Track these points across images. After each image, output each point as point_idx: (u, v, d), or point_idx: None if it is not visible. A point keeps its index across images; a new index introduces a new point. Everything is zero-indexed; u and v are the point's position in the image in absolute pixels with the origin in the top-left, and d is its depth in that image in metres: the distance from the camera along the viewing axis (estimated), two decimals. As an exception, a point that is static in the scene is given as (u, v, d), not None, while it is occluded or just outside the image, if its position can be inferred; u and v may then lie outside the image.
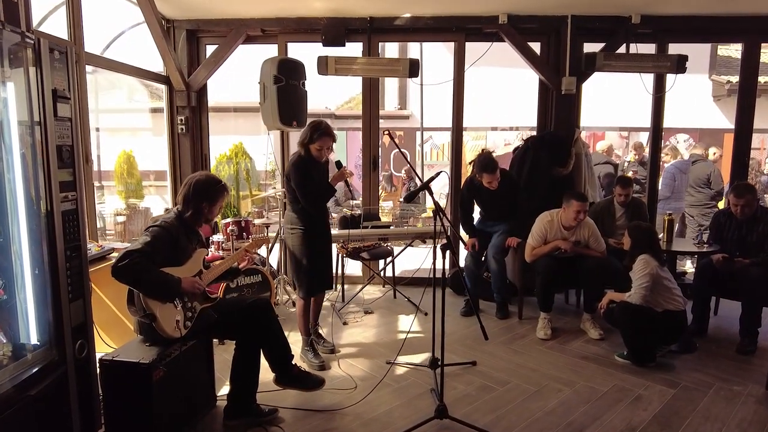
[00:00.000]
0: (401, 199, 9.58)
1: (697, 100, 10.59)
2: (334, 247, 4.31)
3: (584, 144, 5.19)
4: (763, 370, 3.38)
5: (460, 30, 4.96)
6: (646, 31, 4.89)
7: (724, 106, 11.39)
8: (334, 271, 4.42)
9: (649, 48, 5.02)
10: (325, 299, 4.00)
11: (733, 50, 10.74)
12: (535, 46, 5.02)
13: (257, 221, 4.65)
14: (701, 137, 9.74)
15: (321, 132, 3.29)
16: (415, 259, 5.29)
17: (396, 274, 5.14)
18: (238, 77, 7.33)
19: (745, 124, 5.17)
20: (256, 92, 4.37)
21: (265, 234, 4.58)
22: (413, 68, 4.71)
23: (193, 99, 5.11)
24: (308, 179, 3.30)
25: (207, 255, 2.81)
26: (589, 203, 5.02)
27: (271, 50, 5.09)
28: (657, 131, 5.26)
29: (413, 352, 3.68)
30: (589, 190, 5.15)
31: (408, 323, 4.31)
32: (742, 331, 3.82)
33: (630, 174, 6.70)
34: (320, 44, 4.90)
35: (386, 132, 3.29)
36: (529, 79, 5.51)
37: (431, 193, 2.73)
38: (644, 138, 10.32)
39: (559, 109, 5.05)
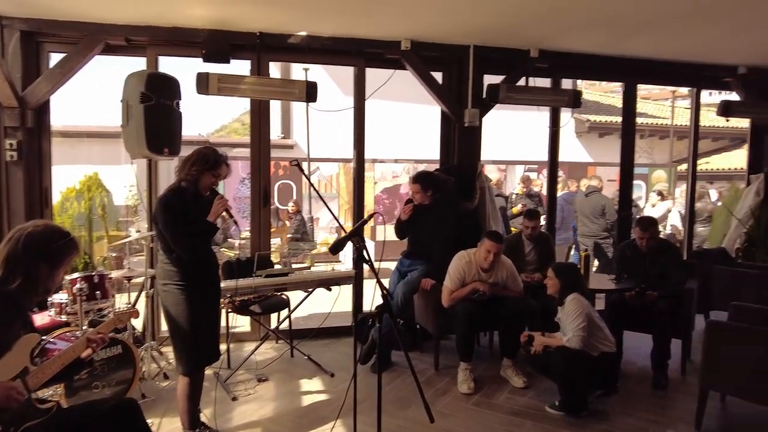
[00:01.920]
0: (314, 245, 8.73)
1: (563, 136, 11.54)
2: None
3: (487, 178, 5.05)
4: (684, 406, 3.35)
5: (360, 54, 4.56)
6: (543, 65, 4.93)
7: (585, 141, 12.57)
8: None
9: (544, 82, 5.08)
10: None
11: (587, 93, 11.92)
12: (438, 77, 4.80)
13: (115, 273, 3.68)
14: (570, 171, 10.49)
15: (221, 158, 2.67)
16: (316, 306, 4.65)
17: (294, 327, 4.45)
18: (94, 95, 6.15)
19: (627, 159, 5.44)
20: (118, 113, 3.52)
21: (128, 305, 3.60)
22: (311, 92, 4.18)
23: (29, 119, 4.00)
24: (181, 221, 2.57)
25: (39, 339, 1.90)
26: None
27: (137, 64, 4.22)
28: (553, 164, 5.31)
29: (321, 424, 3.05)
30: (493, 225, 4.99)
31: (311, 389, 3.66)
32: (654, 365, 3.80)
33: (519, 207, 6.80)
34: (200, 60, 4.17)
35: (293, 162, 2.69)
36: (428, 113, 5.32)
37: (362, 240, 2.19)
38: (518, 171, 10.93)
39: (462, 142, 4.85)
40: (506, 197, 6.58)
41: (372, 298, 4.58)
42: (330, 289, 3.99)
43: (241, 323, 4.71)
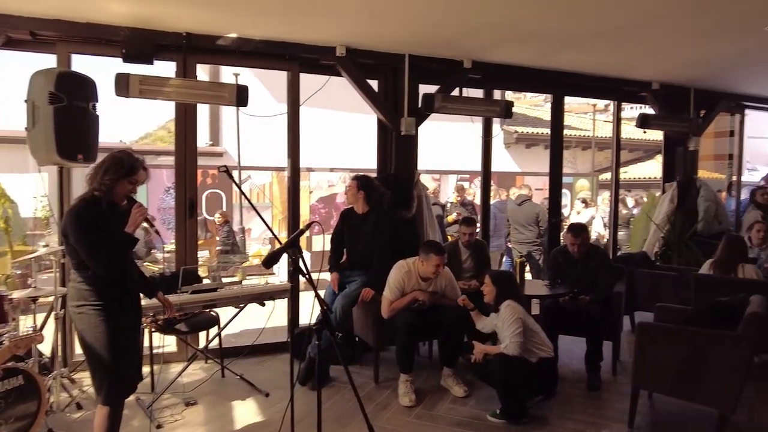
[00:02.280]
0: (250, 258, 8.31)
1: (493, 147, 11.92)
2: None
3: (423, 186, 5.04)
4: (617, 406, 3.46)
5: (294, 59, 4.42)
6: (476, 76, 5.02)
7: (513, 152, 13.03)
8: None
9: (477, 93, 5.17)
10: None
11: (515, 105, 12.40)
12: (373, 84, 4.75)
13: (18, 294, 3.27)
14: (499, 180, 10.82)
15: (138, 162, 2.43)
16: (249, 321, 4.41)
17: (224, 345, 4.18)
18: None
19: (556, 168, 5.64)
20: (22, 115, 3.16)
21: (33, 329, 3.21)
22: (242, 95, 3.98)
23: None
24: (95, 232, 2.31)
25: None
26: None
27: (46, 61, 3.83)
28: (487, 173, 5.40)
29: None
30: (430, 233, 4.99)
31: (245, 411, 3.43)
32: (588, 367, 3.91)
33: (454, 215, 6.88)
34: (120, 60, 3.86)
35: (221, 169, 2.50)
36: (364, 121, 5.26)
37: (299, 251, 2.05)
38: (450, 180, 11.13)
39: (399, 151, 4.82)
40: (443, 206, 6.64)
41: (310, 312, 4.44)
42: (263, 305, 3.79)
43: (167, 343, 4.36)
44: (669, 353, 2.96)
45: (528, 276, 5.45)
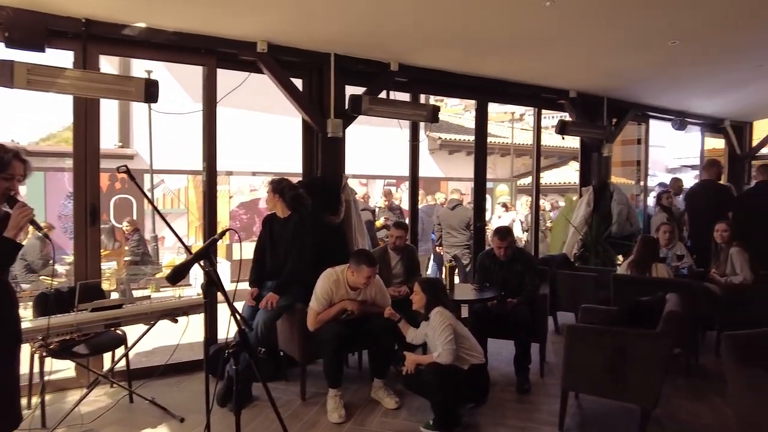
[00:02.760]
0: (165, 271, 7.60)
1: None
2: (26, 347, 2.82)
3: (352, 191, 4.89)
4: (547, 408, 3.48)
5: (210, 53, 4.10)
6: (403, 79, 4.96)
7: (436, 158, 13.24)
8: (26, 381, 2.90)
9: (404, 96, 5.11)
10: None
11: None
12: (298, 84, 4.53)
13: None
14: (425, 185, 10.92)
15: (9, 154, 2.09)
16: (161, 338, 4.01)
17: (132, 367, 3.76)
18: None
19: (480, 174, 5.71)
20: None
21: None
22: (151, 90, 3.61)
23: None
24: None
25: None
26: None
27: None
28: (414, 177, 5.35)
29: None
30: (359, 239, 4.84)
31: (159, 439, 3.08)
32: (517, 370, 3.92)
33: (382, 220, 6.79)
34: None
35: (121, 169, 2.19)
36: (287, 123, 5.03)
37: (212, 262, 1.80)
38: (379, 185, 11.09)
39: (325, 154, 4.63)
40: (373, 211, 6.53)
41: (228, 325, 4.12)
42: (176, 321, 3.43)
43: (65, 367, 3.87)
44: (596, 353, 3.00)
45: (456, 279, 5.46)
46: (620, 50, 4.82)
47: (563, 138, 6.25)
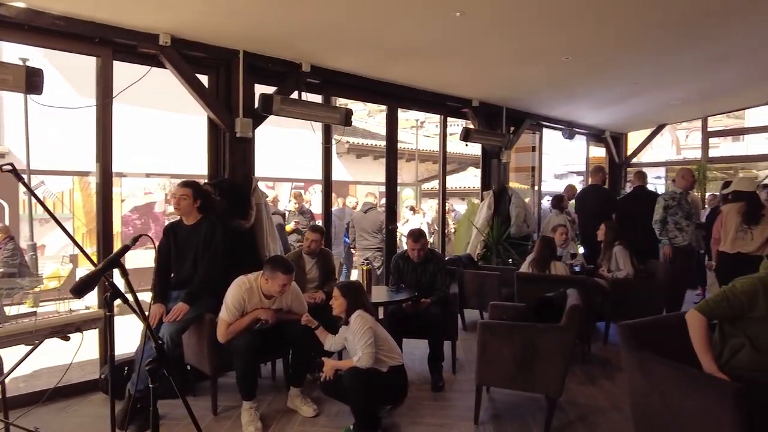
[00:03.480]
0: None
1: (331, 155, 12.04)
2: None
3: (262, 194, 4.72)
4: (461, 404, 3.60)
5: (105, 43, 3.73)
6: (315, 81, 4.90)
7: (345, 161, 13.26)
8: None
9: (316, 98, 5.04)
10: None
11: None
12: (204, 80, 4.29)
13: None
14: (334, 189, 10.87)
15: None
16: (48, 357, 3.56)
17: (11, 394, 3.29)
18: None
19: (392, 177, 5.80)
20: None
21: None
22: (34, 80, 3.21)
23: None
24: None
25: None
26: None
27: None
28: (327, 180, 5.29)
29: None
30: (271, 244, 4.68)
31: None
32: (431, 368, 4.02)
33: (293, 224, 6.65)
34: None
35: (6, 168, 1.91)
36: (187, 122, 4.74)
37: (124, 273, 1.63)
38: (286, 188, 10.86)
39: (233, 154, 4.42)
40: (283, 214, 6.35)
41: (127, 339, 3.78)
42: (68, 338, 3.07)
43: None
44: (507, 348, 3.16)
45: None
46: (520, 63, 5.16)
47: (467, 145, 6.55)
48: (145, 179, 8.85)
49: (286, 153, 10.48)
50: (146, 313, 1.73)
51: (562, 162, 13.00)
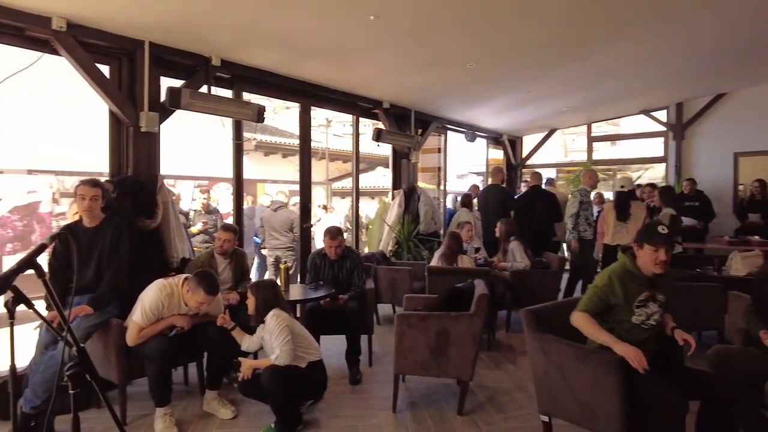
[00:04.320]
0: None
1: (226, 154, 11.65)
2: None
3: (169, 192, 4.51)
4: (379, 394, 3.73)
5: (-14, 23, 3.37)
6: (226, 75, 4.78)
7: (252, 159, 12.90)
8: None
9: (226, 93, 4.92)
10: None
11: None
12: (104, 71, 4.01)
13: None
14: (245, 186, 10.54)
15: None
16: None
17: None
18: None
19: (306, 175, 5.81)
20: None
21: None
22: None
23: None
24: None
25: None
26: (186, 260, 4.44)
27: None
28: (239, 178, 5.17)
29: None
30: (178, 244, 4.49)
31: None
32: (349, 363, 4.10)
33: (200, 225, 6.40)
34: None
35: None
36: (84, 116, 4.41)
37: (41, 274, 1.52)
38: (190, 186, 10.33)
39: (138, 150, 4.19)
40: (186, 214, 6.06)
41: (8, 353, 3.44)
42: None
43: None
44: (422, 337, 3.33)
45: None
46: (429, 68, 5.42)
47: (378, 145, 6.72)
48: (28, 176, 7.99)
49: (187, 149, 10.00)
50: (65, 315, 1.62)
51: (464, 163, 13.71)
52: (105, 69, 4.01)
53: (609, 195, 8.83)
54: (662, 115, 8.72)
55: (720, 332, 4.41)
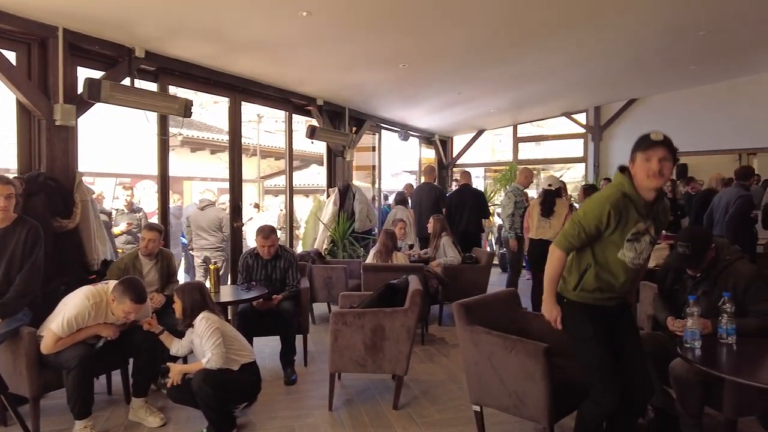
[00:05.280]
0: None
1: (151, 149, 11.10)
2: None
3: (88, 190, 4.23)
4: (315, 393, 3.73)
5: None
6: (150, 67, 4.56)
7: (178, 155, 12.35)
8: None
9: (151, 87, 4.69)
10: None
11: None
12: (11, 57, 3.70)
13: None
14: (171, 184, 10.08)
15: None
16: None
17: None
18: None
19: (236, 173, 5.65)
20: None
21: None
22: None
23: None
24: None
25: None
26: (107, 261, 4.19)
27: None
28: (165, 176, 4.94)
29: None
30: (100, 246, 4.23)
31: None
32: (284, 363, 4.05)
33: (123, 226, 6.08)
34: None
35: None
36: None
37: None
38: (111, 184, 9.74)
39: (52, 145, 3.90)
40: (109, 214, 5.71)
41: None
42: None
43: None
44: (358, 334, 3.36)
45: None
46: (362, 67, 5.45)
47: (312, 142, 6.67)
48: None
49: (109, 145, 9.43)
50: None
51: (398, 162, 13.89)
52: (11, 55, 3.70)
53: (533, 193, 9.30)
54: (582, 117, 9.30)
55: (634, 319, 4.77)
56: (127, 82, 4.32)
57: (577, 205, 6.03)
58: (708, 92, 8.24)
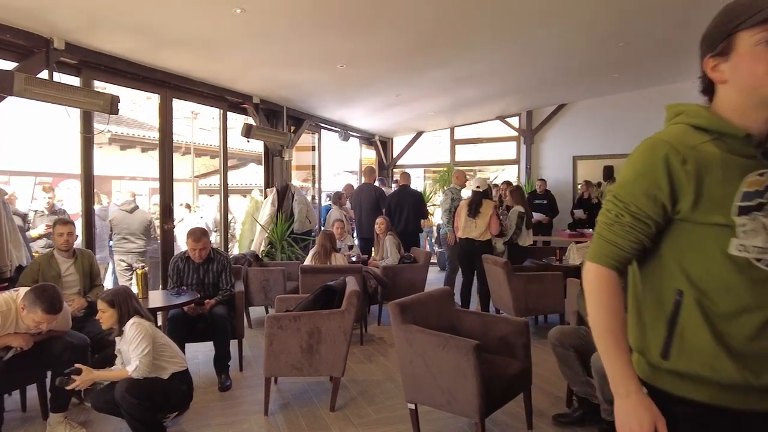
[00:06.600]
0: None
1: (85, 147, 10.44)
2: None
3: (1, 191, 3.93)
4: (250, 399, 3.66)
5: None
6: (71, 60, 4.28)
7: (106, 153, 11.70)
8: None
9: (73, 81, 4.41)
10: None
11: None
12: None
13: None
14: (96, 184, 9.53)
15: None
16: None
17: None
18: None
19: (167, 172, 5.43)
20: None
21: None
22: None
23: None
24: None
25: None
26: (18, 267, 3.90)
27: None
28: (89, 175, 4.67)
29: None
30: (13, 251, 3.94)
31: None
32: (218, 369, 3.94)
33: (42, 228, 5.69)
34: None
35: None
36: None
37: None
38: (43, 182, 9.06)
39: (-44, 141, 3.59)
40: (24, 216, 5.31)
41: None
42: None
43: None
44: (294, 337, 3.32)
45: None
46: (298, 66, 5.39)
47: (248, 141, 6.51)
48: None
49: (26, 141, 8.79)
50: None
51: (338, 162, 13.84)
52: None
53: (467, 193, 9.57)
54: (515, 121, 9.67)
55: (561, 315, 5.03)
56: (45, 75, 4.04)
57: (508, 206, 6.24)
58: (632, 98, 8.78)
